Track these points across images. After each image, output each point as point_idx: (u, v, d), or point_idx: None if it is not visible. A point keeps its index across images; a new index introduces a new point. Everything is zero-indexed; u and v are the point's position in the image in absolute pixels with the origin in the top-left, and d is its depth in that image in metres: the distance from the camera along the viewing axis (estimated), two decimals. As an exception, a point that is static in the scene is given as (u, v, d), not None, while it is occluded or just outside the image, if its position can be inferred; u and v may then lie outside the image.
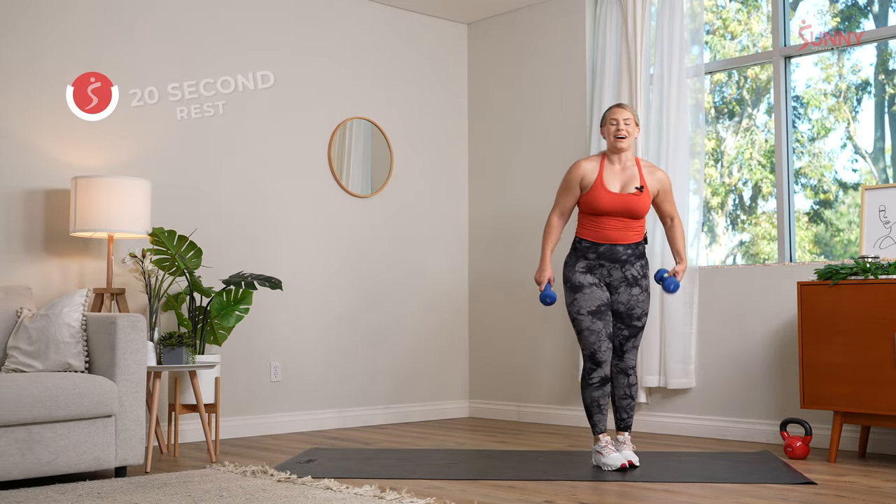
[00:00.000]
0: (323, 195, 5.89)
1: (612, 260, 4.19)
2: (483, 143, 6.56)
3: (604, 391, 4.21)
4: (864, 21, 5.27)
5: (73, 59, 4.91)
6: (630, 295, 4.22)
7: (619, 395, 4.29)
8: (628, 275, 4.22)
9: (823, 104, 5.39)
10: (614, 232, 4.18)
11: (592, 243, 4.20)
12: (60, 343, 4.06)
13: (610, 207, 4.15)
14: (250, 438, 5.34)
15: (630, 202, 4.16)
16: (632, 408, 4.29)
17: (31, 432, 3.72)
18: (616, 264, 4.20)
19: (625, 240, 4.19)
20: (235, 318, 4.95)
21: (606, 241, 4.18)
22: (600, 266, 4.21)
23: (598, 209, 4.17)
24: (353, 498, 3.47)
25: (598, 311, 4.17)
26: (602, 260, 4.20)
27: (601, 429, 4.21)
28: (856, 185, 5.27)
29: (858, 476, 4.03)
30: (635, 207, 4.16)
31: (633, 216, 4.18)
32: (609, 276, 4.22)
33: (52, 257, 4.81)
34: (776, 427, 5.02)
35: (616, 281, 4.22)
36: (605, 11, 5.83)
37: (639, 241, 4.25)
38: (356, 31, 6.12)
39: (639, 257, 4.26)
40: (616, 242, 4.18)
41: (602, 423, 4.21)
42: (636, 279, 4.23)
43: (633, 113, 4.24)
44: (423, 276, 6.33)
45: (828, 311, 4.44)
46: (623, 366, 4.27)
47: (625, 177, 4.21)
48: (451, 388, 6.48)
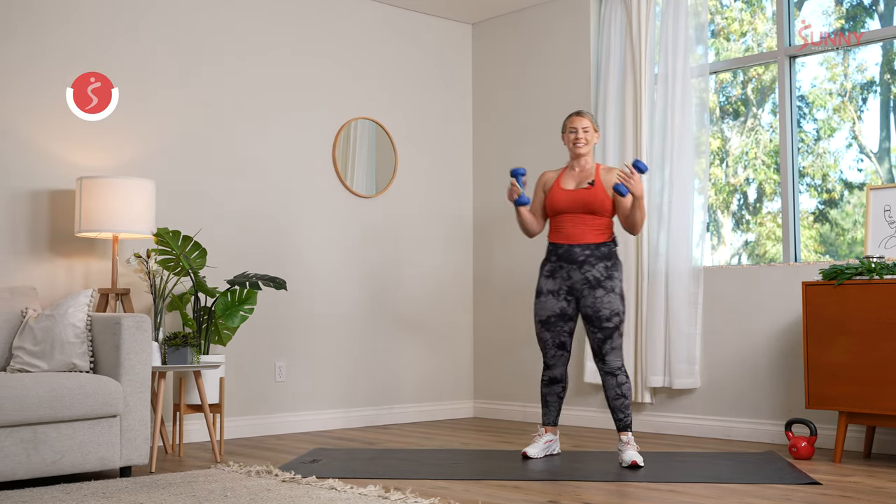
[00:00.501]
0: (327, 195, 5.89)
1: (570, 261, 4.34)
2: (487, 142, 6.56)
3: (551, 389, 4.50)
4: (868, 21, 5.26)
5: (76, 58, 4.92)
6: (594, 297, 4.32)
7: (611, 397, 4.35)
8: (589, 276, 4.31)
9: (829, 104, 5.38)
10: (571, 228, 4.36)
11: (554, 245, 4.43)
12: (65, 343, 4.06)
13: (565, 204, 4.37)
14: (255, 438, 5.35)
15: (583, 196, 4.35)
16: (627, 406, 4.33)
17: (36, 432, 3.73)
18: (574, 265, 4.34)
19: (582, 239, 4.33)
20: (240, 319, 4.95)
21: (565, 240, 4.36)
22: (560, 268, 4.38)
23: (556, 207, 4.40)
24: (358, 498, 3.47)
25: (548, 321, 4.42)
26: (561, 262, 4.37)
27: (546, 421, 4.53)
28: (861, 185, 5.26)
29: (864, 476, 4.02)
30: (589, 201, 4.34)
31: (589, 211, 4.35)
32: (569, 278, 4.35)
33: (57, 257, 4.81)
34: (781, 427, 5.01)
35: (578, 284, 4.34)
36: (610, 11, 5.83)
37: (600, 241, 4.34)
38: (360, 32, 6.12)
39: (601, 258, 4.33)
40: (573, 242, 4.34)
41: (546, 416, 4.53)
42: (599, 281, 4.31)
43: (591, 121, 4.47)
44: (427, 275, 6.34)
45: (833, 311, 4.43)
46: (608, 368, 4.34)
47: (580, 177, 4.44)
48: (456, 388, 6.48)
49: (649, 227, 5.53)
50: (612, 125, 5.73)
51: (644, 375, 5.47)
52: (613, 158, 5.69)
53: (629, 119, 5.64)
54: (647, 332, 5.45)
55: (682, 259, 5.38)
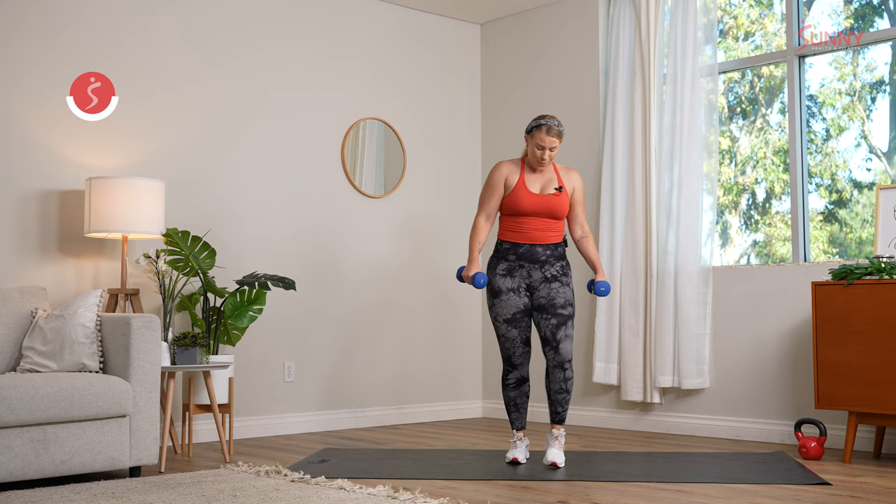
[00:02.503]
0: (336, 195, 5.90)
1: (532, 261, 4.30)
2: (496, 143, 6.56)
3: (520, 391, 4.40)
4: (878, 20, 5.24)
5: (86, 57, 4.93)
6: (550, 288, 4.30)
7: (554, 390, 4.31)
8: (547, 274, 4.31)
9: (838, 103, 5.37)
10: (536, 232, 4.30)
11: (513, 244, 4.32)
12: (75, 343, 4.08)
13: (532, 208, 4.29)
14: (264, 438, 5.36)
15: (551, 202, 4.30)
16: (566, 402, 4.33)
17: (46, 432, 3.74)
18: (535, 265, 4.31)
19: (544, 240, 4.31)
20: (249, 319, 4.96)
21: (528, 241, 4.30)
22: (520, 267, 4.32)
23: (520, 210, 4.30)
24: (367, 498, 3.47)
25: (514, 318, 4.32)
26: (522, 261, 4.31)
27: (517, 426, 4.42)
28: (871, 185, 5.24)
29: (874, 477, 4.01)
30: (556, 208, 4.30)
31: (554, 216, 4.32)
32: (529, 276, 4.32)
33: (67, 258, 4.83)
34: (791, 427, 5.00)
35: (536, 282, 4.32)
36: (619, 11, 5.82)
37: (558, 242, 4.35)
38: (368, 31, 6.12)
39: (558, 258, 4.34)
40: (536, 243, 4.30)
41: (518, 420, 4.42)
42: (556, 277, 4.32)
43: (560, 138, 4.28)
44: (436, 276, 6.34)
45: (842, 311, 4.42)
46: (559, 359, 4.28)
47: (544, 179, 4.36)
48: (466, 388, 6.48)
49: (658, 227, 5.52)
50: (621, 125, 5.72)
51: (653, 375, 5.46)
52: (623, 159, 5.69)
53: (638, 119, 5.63)
54: (656, 332, 5.45)
55: (691, 259, 5.37)
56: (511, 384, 4.39)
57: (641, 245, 5.56)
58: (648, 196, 5.54)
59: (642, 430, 5.59)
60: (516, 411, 4.41)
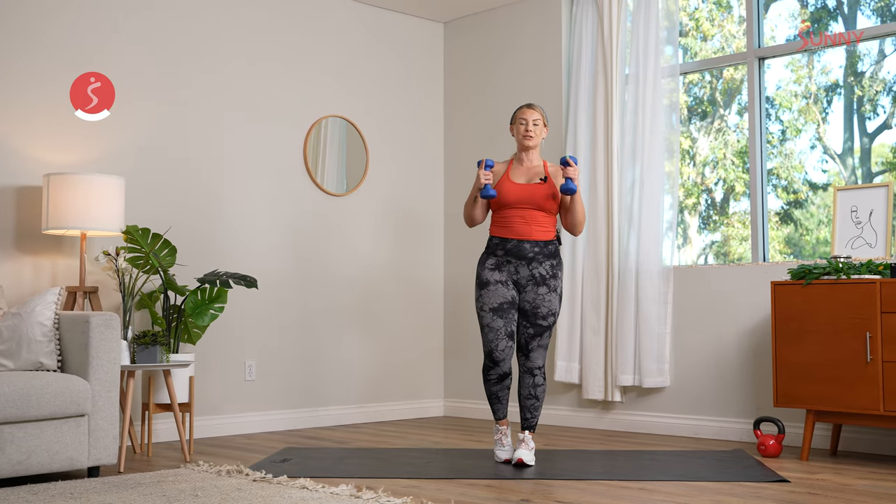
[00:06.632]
0: (298, 193, 5.86)
1: (519, 257, 4.30)
2: (459, 141, 6.57)
3: (502, 385, 4.39)
4: (833, 23, 5.33)
5: (42, 52, 4.85)
6: (536, 294, 4.30)
7: (524, 395, 4.36)
8: (536, 273, 4.31)
9: (794, 105, 5.45)
10: (521, 225, 4.30)
11: (501, 239, 4.34)
12: (32, 342, 4.01)
13: (516, 198, 4.29)
14: (224, 438, 5.31)
15: (535, 192, 4.30)
16: (536, 408, 4.35)
17: (2, 432, 3.67)
18: (523, 261, 4.31)
19: (531, 235, 4.30)
20: (210, 317, 4.92)
21: (514, 235, 4.30)
22: (508, 263, 4.32)
23: (505, 200, 4.31)
24: (330, 497, 3.46)
25: (501, 308, 4.29)
26: (510, 256, 4.32)
27: (500, 416, 4.43)
28: (825, 186, 5.32)
29: (830, 474, 4.07)
30: (540, 197, 4.29)
31: (539, 207, 4.30)
32: (517, 273, 4.32)
33: (24, 255, 4.75)
34: (750, 425, 5.07)
35: (524, 279, 4.32)
36: (581, 11, 5.85)
37: (548, 239, 4.34)
38: (331, 29, 6.10)
39: (548, 256, 4.33)
40: (522, 238, 4.29)
41: (500, 410, 4.43)
42: (544, 278, 4.31)
43: (542, 114, 4.39)
44: (398, 274, 6.33)
45: (801, 310, 4.49)
46: (529, 365, 4.34)
47: (530, 172, 4.38)
48: (427, 386, 6.48)
49: (619, 226, 5.56)
50: (583, 125, 5.76)
51: (614, 374, 5.50)
52: (584, 158, 5.72)
53: (600, 119, 5.66)
54: (618, 331, 5.48)
55: (652, 258, 5.42)
56: (493, 380, 4.38)
57: (603, 244, 5.60)
58: (610, 195, 5.58)
59: (603, 429, 5.63)
60: (498, 402, 4.43)
